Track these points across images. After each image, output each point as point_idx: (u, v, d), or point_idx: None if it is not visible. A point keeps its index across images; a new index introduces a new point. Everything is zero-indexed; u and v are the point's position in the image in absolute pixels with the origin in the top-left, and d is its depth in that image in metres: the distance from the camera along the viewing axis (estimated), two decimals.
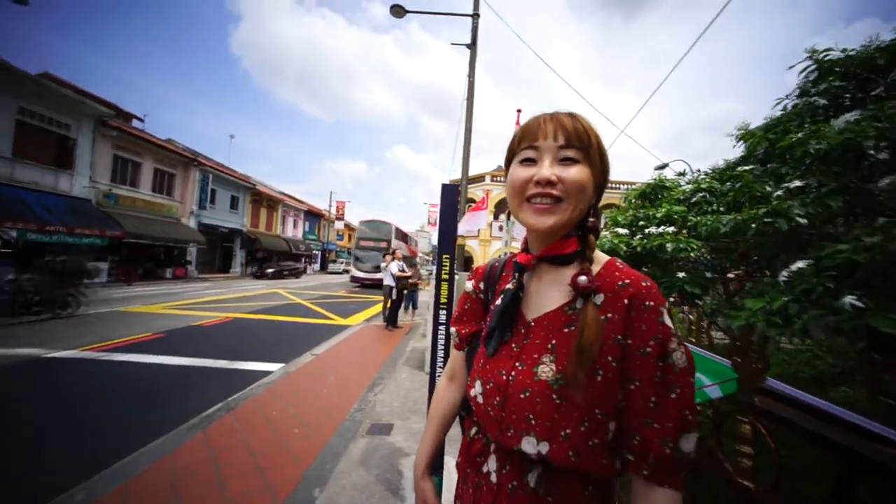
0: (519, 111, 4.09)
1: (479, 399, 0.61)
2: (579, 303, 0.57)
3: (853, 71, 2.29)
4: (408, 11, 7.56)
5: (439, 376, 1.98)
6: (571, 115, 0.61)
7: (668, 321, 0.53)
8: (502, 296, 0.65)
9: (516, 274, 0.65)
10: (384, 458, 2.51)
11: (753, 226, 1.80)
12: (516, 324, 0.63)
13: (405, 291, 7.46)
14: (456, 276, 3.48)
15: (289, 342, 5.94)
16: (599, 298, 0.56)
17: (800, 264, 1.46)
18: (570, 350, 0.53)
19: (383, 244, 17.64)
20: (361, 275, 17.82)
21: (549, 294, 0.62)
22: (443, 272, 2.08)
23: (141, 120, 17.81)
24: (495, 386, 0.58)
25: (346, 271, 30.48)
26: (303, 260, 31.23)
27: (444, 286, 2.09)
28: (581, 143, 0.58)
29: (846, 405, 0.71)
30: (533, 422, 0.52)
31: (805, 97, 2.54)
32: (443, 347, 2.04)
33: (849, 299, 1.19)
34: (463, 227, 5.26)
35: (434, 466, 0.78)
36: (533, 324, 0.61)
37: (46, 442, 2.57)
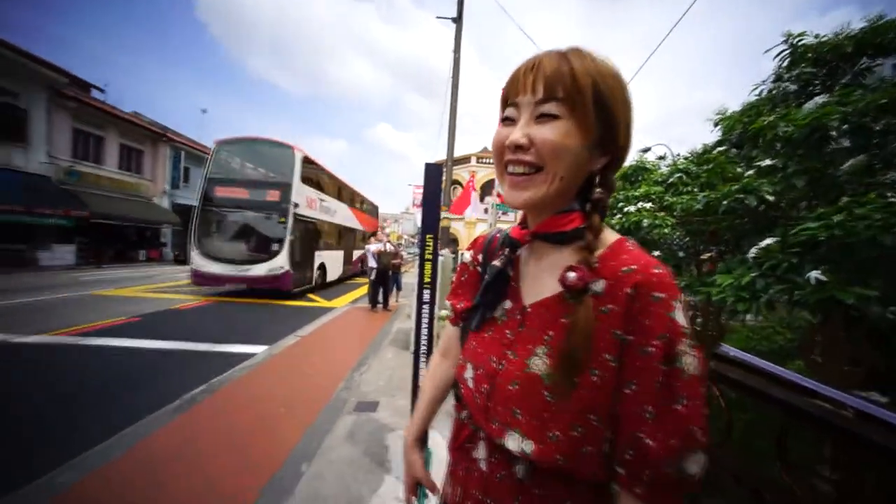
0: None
1: (469, 383, 0.58)
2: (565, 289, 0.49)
3: (824, 58, 2.37)
4: None
5: (423, 356, 2.03)
6: (562, 55, 0.49)
7: (680, 318, 0.44)
8: (489, 271, 0.60)
9: (506, 249, 0.59)
10: (370, 433, 2.58)
11: (725, 202, 1.88)
12: (513, 308, 0.57)
13: (390, 273, 7.44)
14: (441, 257, 3.49)
15: (273, 324, 5.89)
16: (600, 285, 0.47)
17: (768, 241, 1.55)
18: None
19: (272, 195, 8.22)
20: (217, 269, 7.85)
21: (547, 278, 0.54)
22: (427, 252, 2.09)
23: (101, 90, 16.49)
24: (485, 373, 0.55)
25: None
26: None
27: (428, 266, 2.10)
28: (564, 91, 0.46)
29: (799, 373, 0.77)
30: (519, 417, 0.48)
31: (779, 82, 2.62)
32: (426, 327, 2.07)
33: (813, 274, 1.29)
34: (458, 210, 5.24)
35: (423, 440, 0.76)
36: (530, 310, 0.54)
37: (19, 429, 2.50)
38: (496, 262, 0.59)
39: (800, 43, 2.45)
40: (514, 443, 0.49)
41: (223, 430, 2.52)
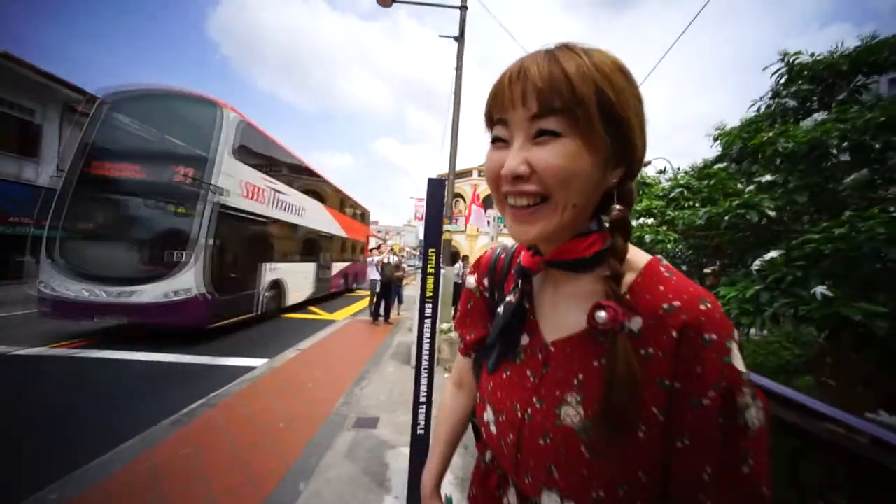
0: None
1: (493, 428, 0.51)
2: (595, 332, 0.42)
3: (820, 75, 2.42)
4: (394, 1, 7.42)
5: (425, 370, 2.00)
6: (550, 56, 0.40)
7: (737, 362, 0.37)
8: (503, 306, 0.53)
9: (519, 280, 0.51)
10: (370, 450, 2.52)
11: (727, 217, 1.89)
12: (532, 343, 0.49)
13: (392, 285, 7.43)
14: (442, 271, 3.49)
15: (273, 337, 5.86)
16: (637, 323, 0.40)
17: (772, 254, 1.55)
18: (602, 393, 0.39)
19: (181, 175, 5.20)
20: (77, 292, 4.81)
21: (567, 311, 0.47)
22: (429, 266, 2.09)
23: None
24: (508, 421, 0.48)
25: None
26: None
27: (430, 280, 2.09)
28: (562, 101, 0.38)
29: (809, 392, 0.75)
30: (555, 475, 0.42)
31: (777, 98, 2.66)
32: (428, 341, 2.05)
33: (819, 289, 1.27)
34: (475, 223, 5.24)
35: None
36: (553, 349, 0.47)
37: (15, 442, 2.47)
38: (510, 298, 0.52)
39: (796, 62, 2.51)
40: (551, 502, 0.43)
41: (222, 445, 2.48)
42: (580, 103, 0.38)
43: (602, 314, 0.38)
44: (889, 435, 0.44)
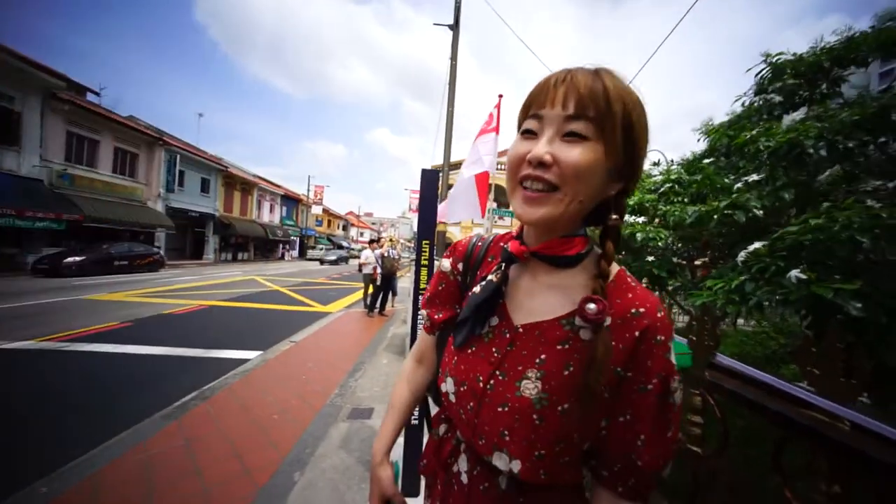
0: (500, 96, 4.00)
1: (452, 398, 0.56)
2: (579, 319, 0.49)
3: (803, 72, 2.45)
4: None
5: None
6: (596, 73, 0.47)
7: (672, 357, 0.47)
8: (482, 285, 0.57)
9: (503, 264, 0.56)
10: (364, 441, 2.54)
11: (715, 217, 1.92)
12: (500, 325, 0.55)
13: (391, 277, 7.43)
14: (436, 263, 3.47)
15: (266, 330, 5.83)
16: (607, 321, 0.47)
17: (756, 245, 1.59)
18: (562, 373, 0.48)
19: None
20: None
21: (543, 299, 0.53)
22: (423, 258, 2.08)
23: (96, 93, 16.44)
24: (470, 390, 0.54)
25: (323, 260, 27.79)
26: (280, 246, 30.36)
27: (424, 272, 2.09)
28: (597, 111, 0.45)
29: (794, 381, 0.77)
30: (507, 439, 0.49)
31: (762, 94, 2.68)
32: None
33: (794, 273, 1.34)
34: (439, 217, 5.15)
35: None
36: (521, 330, 0.53)
37: (4, 436, 2.44)
38: (491, 277, 0.56)
39: (778, 62, 2.54)
40: (501, 462, 0.50)
41: (215, 437, 2.48)
42: (611, 115, 0.45)
43: (593, 306, 0.45)
44: (867, 420, 0.46)
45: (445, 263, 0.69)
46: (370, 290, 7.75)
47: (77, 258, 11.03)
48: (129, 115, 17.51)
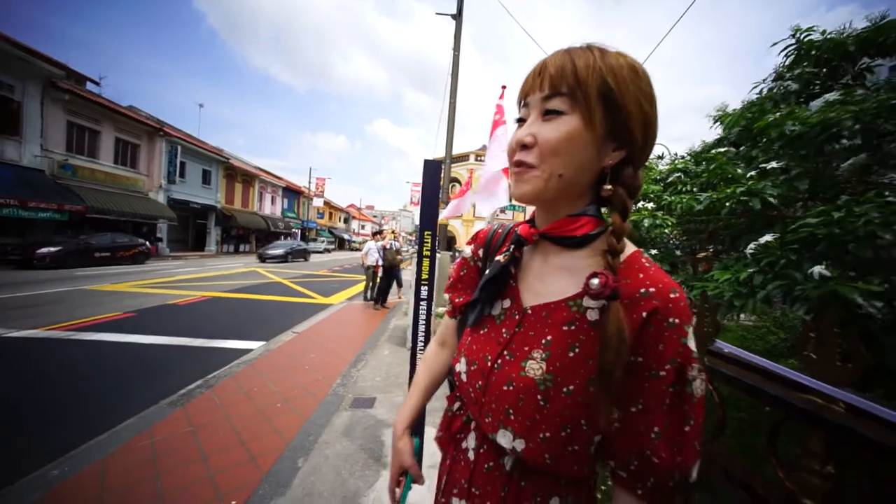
0: (504, 87, 3.96)
1: (463, 377, 0.59)
2: (587, 300, 0.48)
3: (824, 58, 2.36)
4: None
5: (421, 352, 2.03)
6: (566, 53, 0.49)
7: (691, 343, 0.44)
8: (490, 266, 0.59)
9: (512, 246, 0.58)
10: (367, 429, 2.58)
11: (728, 204, 1.89)
12: (511, 307, 0.56)
13: (393, 269, 7.44)
14: (438, 255, 3.48)
15: (269, 320, 5.88)
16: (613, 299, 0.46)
17: (767, 237, 1.56)
18: (567, 354, 0.47)
19: None
20: None
21: (553, 281, 0.54)
22: (425, 249, 2.09)
23: (96, 83, 16.33)
24: (479, 369, 0.55)
25: (328, 250, 27.52)
26: (282, 238, 30.44)
27: (426, 263, 2.10)
28: (567, 85, 0.46)
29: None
30: (512, 417, 0.49)
31: (780, 81, 2.62)
32: (424, 323, 2.07)
33: (818, 269, 1.30)
34: (447, 213, 5.17)
35: (414, 429, 0.74)
36: (530, 312, 0.54)
37: (14, 421, 2.49)
38: (499, 258, 0.58)
39: (806, 38, 2.42)
40: (505, 440, 0.50)
41: (220, 424, 2.52)
42: (580, 84, 0.46)
43: (596, 281, 0.45)
44: (861, 402, 0.47)
45: (467, 250, 0.72)
46: (370, 283, 7.78)
47: (51, 249, 10.06)
48: (130, 106, 17.43)
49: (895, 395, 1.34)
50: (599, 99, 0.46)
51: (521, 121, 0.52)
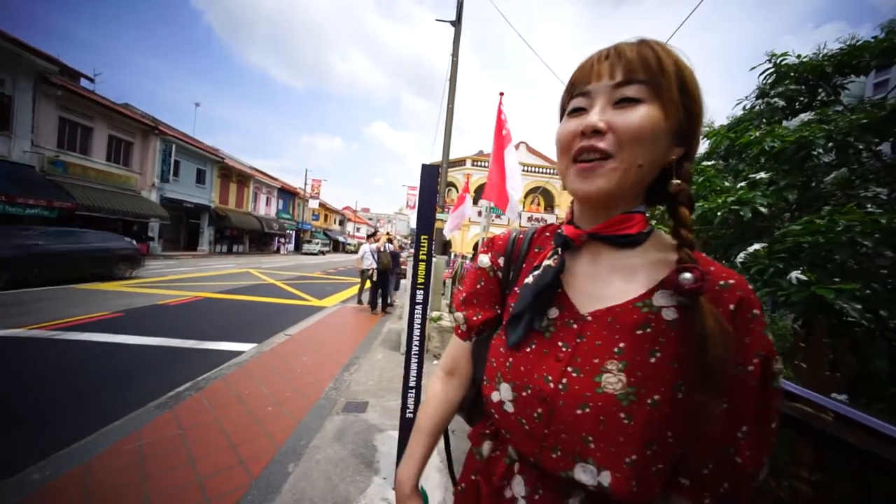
0: (501, 94, 4.00)
1: (509, 408, 0.49)
2: (658, 299, 0.44)
3: (805, 76, 2.48)
4: None
5: (415, 355, 2.02)
6: (641, 42, 0.45)
7: (770, 335, 0.43)
8: (537, 273, 0.52)
9: (559, 249, 0.51)
10: (359, 433, 2.56)
11: (720, 214, 1.95)
12: (561, 315, 0.49)
13: (388, 273, 7.41)
14: (434, 259, 3.50)
15: (261, 322, 5.81)
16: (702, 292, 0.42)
17: (755, 246, 1.62)
18: (647, 361, 0.42)
19: None
20: None
21: (609, 283, 0.48)
22: (421, 253, 2.09)
23: (90, 79, 16.17)
24: (535, 394, 0.46)
25: (322, 252, 28.30)
26: (276, 239, 30.18)
27: (422, 267, 2.10)
28: (648, 73, 0.43)
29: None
30: (592, 445, 0.42)
31: (764, 98, 2.71)
32: (419, 328, 2.07)
33: (794, 274, 1.37)
34: (450, 227, 5.20)
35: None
36: (590, 319, 0.47)
37: None
38: (548, 262, 0.51)
39: (783, 63, 2.56)
40: (586, 475, 0.42)
41: (209, 427, 2.48)
42: (664, 73, 0.43)
43: (689, 275, 0.40)
44: (850, 411, 0.48)
45: (484, 259, 0.62)
46: (364, 286, 7.74)
47: None
48: (125, 103, 17.26)
49: (876, 400, 1.39)
50: (678, 87, 0.43)
51: (576, 111, 0.47)
